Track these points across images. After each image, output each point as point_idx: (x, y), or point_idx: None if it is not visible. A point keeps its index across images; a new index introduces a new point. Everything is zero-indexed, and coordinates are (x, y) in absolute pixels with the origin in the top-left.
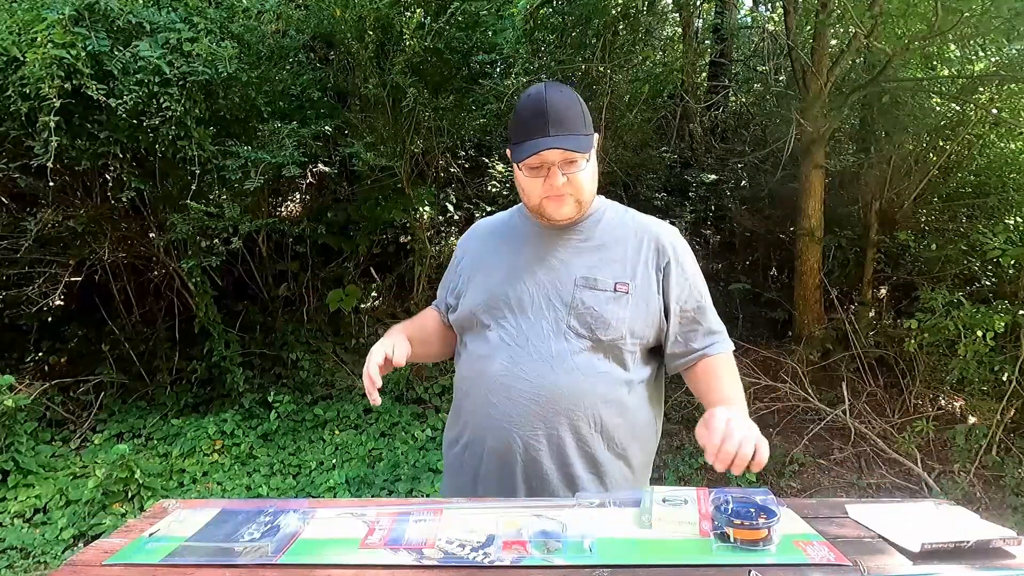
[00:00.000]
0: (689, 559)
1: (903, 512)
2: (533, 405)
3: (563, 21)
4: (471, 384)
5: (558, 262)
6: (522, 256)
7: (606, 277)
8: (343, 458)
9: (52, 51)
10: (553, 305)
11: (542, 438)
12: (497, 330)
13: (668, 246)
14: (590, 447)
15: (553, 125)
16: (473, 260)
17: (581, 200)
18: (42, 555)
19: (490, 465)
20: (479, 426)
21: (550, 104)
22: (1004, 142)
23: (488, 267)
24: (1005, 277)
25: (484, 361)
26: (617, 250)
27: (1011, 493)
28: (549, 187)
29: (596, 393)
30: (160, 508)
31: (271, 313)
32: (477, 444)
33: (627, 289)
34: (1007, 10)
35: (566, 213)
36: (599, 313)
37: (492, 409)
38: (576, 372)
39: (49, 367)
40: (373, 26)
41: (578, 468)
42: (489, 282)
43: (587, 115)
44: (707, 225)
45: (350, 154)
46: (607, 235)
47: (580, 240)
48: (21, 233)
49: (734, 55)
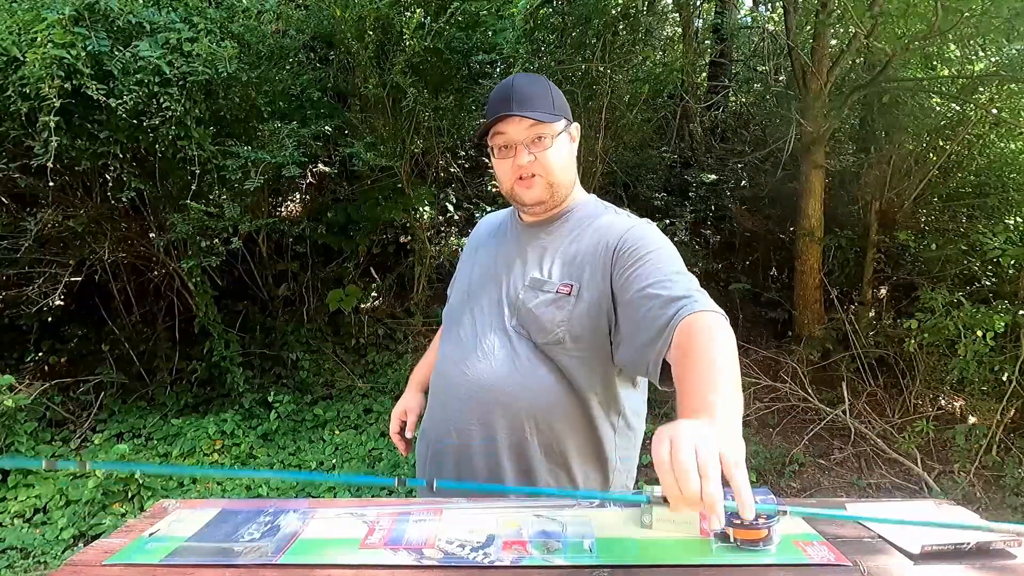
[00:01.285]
0: (689, 559)
1: (903, 512)
2: (472, 403)
3: (563, 21)
4: (434, 385)
5: (521, 261)
6: (497, 255)
7: (555, 279)
8: (343, 458)
9: (52, 51)
10: (503, 306)
11: (476, 436)
12: (459, 329)
13: (623, 243)
14: (525, 452)
15: (517, 103)
16: (463, 259)
17: (552, 182)
18: (42, 555)
19: (448, 466)
20: (441, 427)
21: (516, 86)
22: (1004, 142)
23: (468, 266)
24: (1005, 277)
25: (442, 360)
26: (571, 249)
27: (1011, 493)
28: (517, 167)
29: (534, 396)
30: (160, 508)
31: (271, 313)
32: (436, 443)
33: (570, 291)
34: (1007, 10)
35: (536, 195)
36: (535, 316)
37: (449, 411)
38: (516, 374)
39: (49, 367)
40: (373, 26)
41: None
42: (463, 282)
43: (557, 99)
44: (707, 225)
45: (350, 154)
46: (571, 234)
47: (548, 238)
48: (21, 233)
49: (734, 55)
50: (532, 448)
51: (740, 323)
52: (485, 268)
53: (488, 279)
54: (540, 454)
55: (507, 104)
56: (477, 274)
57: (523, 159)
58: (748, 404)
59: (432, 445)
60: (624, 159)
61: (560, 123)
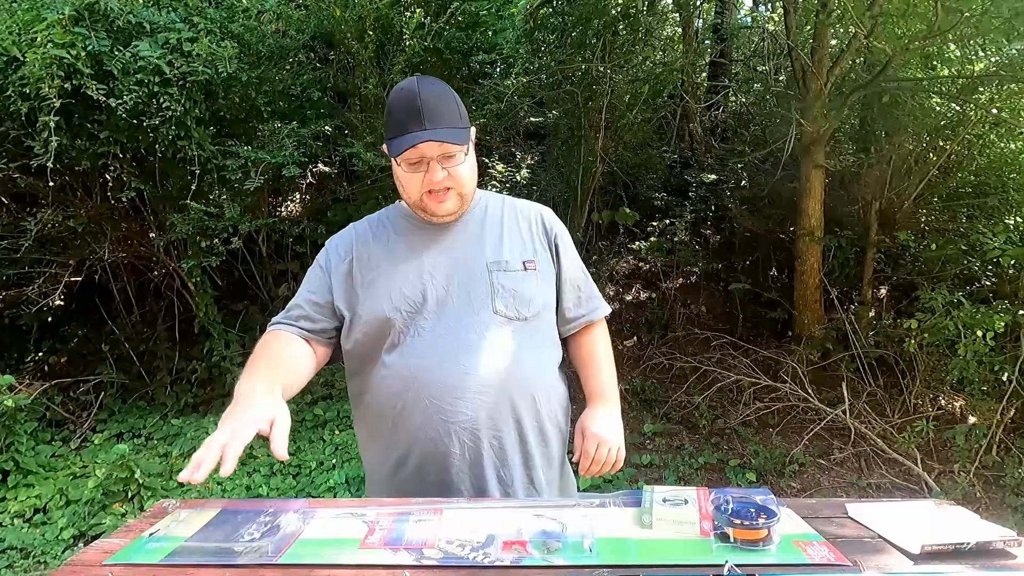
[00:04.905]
0: (689, 559)
1: (903, 512)
2: (486, 397)
3: (563, 21)
4: (407, 398)
5: (461, 252)
6: (421, 253)
7: (512, 258)
8: (343, 458)
9: (52, 51)
10: (474, 295)
11: (503, 427)
12: (422, 334)
13: (551, 223)
14: (539, 423)
15: (428, 119)
16: (364, 266)
17: (463, 193)
18: (42, 555)
19: (461, 473)
20: (436, 435)
21: (423, 98)
22: (1004, 142)
23: (386, 271)
24: (1005, 277)
25: (420, 369)
26: (511, 232)
27: (1011, 493)
28: (429, 182)
29: (535, 370)
30: (160, 508)
31: (271, 313)
32: (436, 458)
33: (535, 266)
34: (1007, 10)
35: (448, 208)
36: (520, 292)
37: (447, 415)
38: (514, 353)
39: (49, 367)
40: (373, 26)
41: (534, 447)
42: (396, 286)
43: (461, 107)
44: (707, 225)
45: (350, 154)
46: (495, 219)
47: (472, 227)
48: (21, 233)
49: (734, 55)
50: (546, 424)
51: (740, 323)
52: (415, 269)
53: (428, 278)
54: (552, 428)
55: (417, 118)
56: (404, 278)
57: (437, 175)
58: (748, 404)
59: (456, 459)
60: (624, 159)
61: (470, 134)
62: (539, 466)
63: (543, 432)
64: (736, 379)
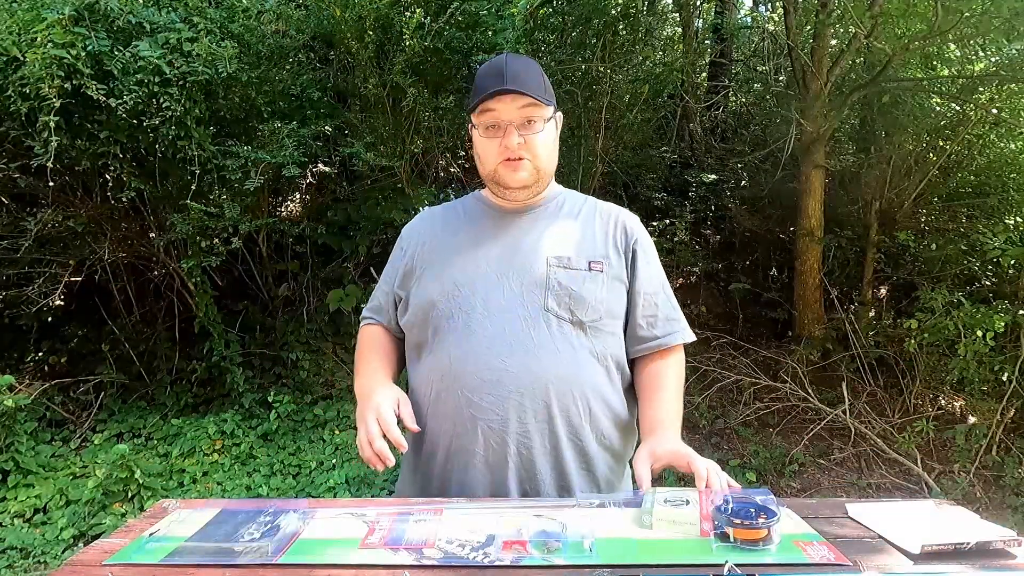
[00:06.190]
0: (689, 559)
1: (903, 512)
2: (520, 398)
3: (563, 21)
4: (443, 386)
5: (524, 244)
6: (483, 241)
7: (579, 256)
8: (343, 458)
9: (52, 51)
10: (527, 289)
11: (534, 434)
12: (466, 323)
13: (633, 229)
14: (581, 440)
15: (510, 80)
16: (426, 250)
17: (539, 167)
18: (42, 555)
19: (481, 476)
20: (463, 431)
21: (509, 64)
22: (1004, 142)
23: (444, 256)
24: (1005, 277)
25: (457, 359)
26: (585, 230)
27: (1011, 493)
28: (505, 148)
29: (583, 379)
30: (160, 508)
31: (271, 313)
32: (460, 455)
33: (602, 268)
34: (1007, 10)
35: (522, 179)
36: (577, 292)
37: (476, 410)
38: (559, 356)
39: (49, 367)
40: (373, 26)
41: (570, 465)
42: (449, 271)
43: (547, 83)
44: (707, 225)
45: (350, 154)
46: (571, 216)
47: (544, 220)
48: (21, 233)
49: (734, 55)
50: (588, 436)
51: (740, 323)
52: (473, 257)
53: (484, 267)
54: (594, 440)
55: (499, 80)
56: (462, 265)
57: (513, 140)
58: (748, 404)
59: (477, 456)
60: (624, 159)
61: (551, 108)
62: (581, 488)
63: (585, 454)
64: (736, 379)
